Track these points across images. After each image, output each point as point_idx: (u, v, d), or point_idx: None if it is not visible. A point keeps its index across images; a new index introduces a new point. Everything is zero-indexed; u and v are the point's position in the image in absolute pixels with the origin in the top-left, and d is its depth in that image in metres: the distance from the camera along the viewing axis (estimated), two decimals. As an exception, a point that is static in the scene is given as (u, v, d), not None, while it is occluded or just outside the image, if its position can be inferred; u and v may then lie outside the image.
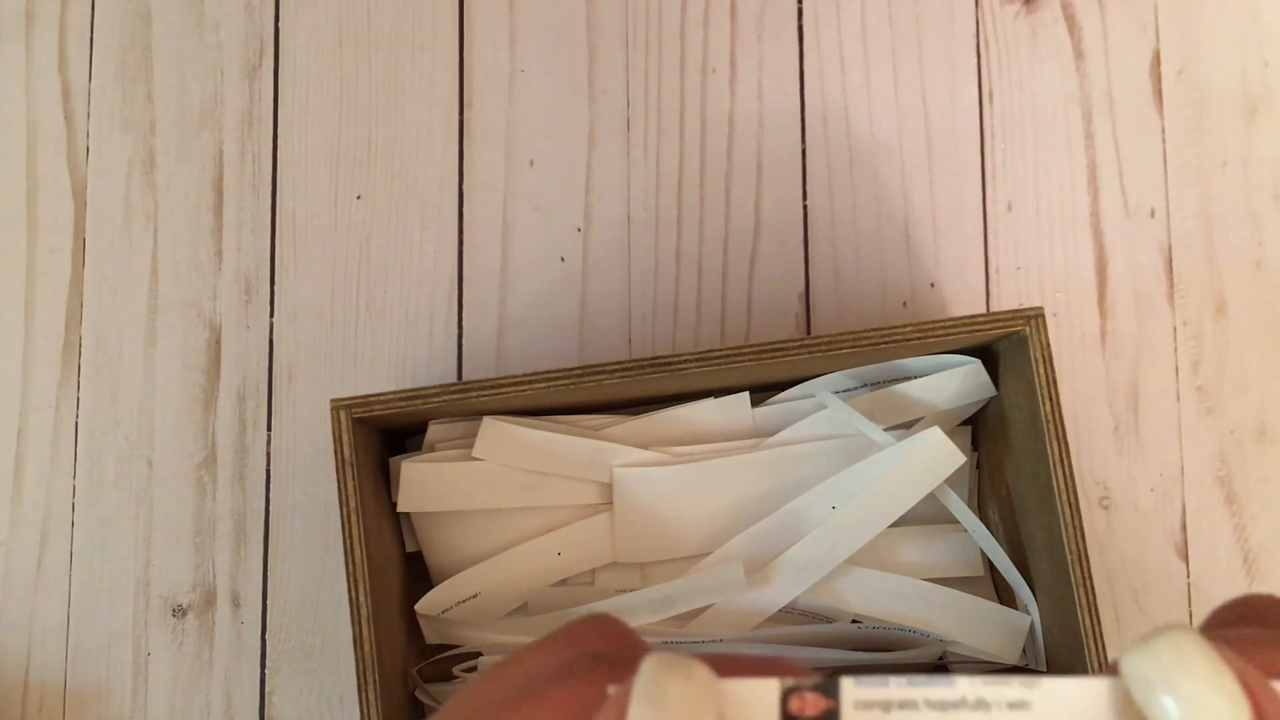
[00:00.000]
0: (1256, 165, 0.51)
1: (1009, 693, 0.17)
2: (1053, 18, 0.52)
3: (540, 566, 0.44)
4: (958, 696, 0.17)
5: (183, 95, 0.51)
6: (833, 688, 0.17)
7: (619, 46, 0.51)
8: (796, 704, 0.17)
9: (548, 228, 0.51)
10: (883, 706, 0.17)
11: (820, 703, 0.17)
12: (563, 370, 0.40)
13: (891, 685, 0.17)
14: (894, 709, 0.17)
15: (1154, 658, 0.16)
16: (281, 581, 0.49)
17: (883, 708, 0.17)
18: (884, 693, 0.17)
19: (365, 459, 0.41)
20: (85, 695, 0.48)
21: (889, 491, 0.43)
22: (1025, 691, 0.17)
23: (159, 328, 0.50)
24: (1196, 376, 0.50)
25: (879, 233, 0.51)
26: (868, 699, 0.17)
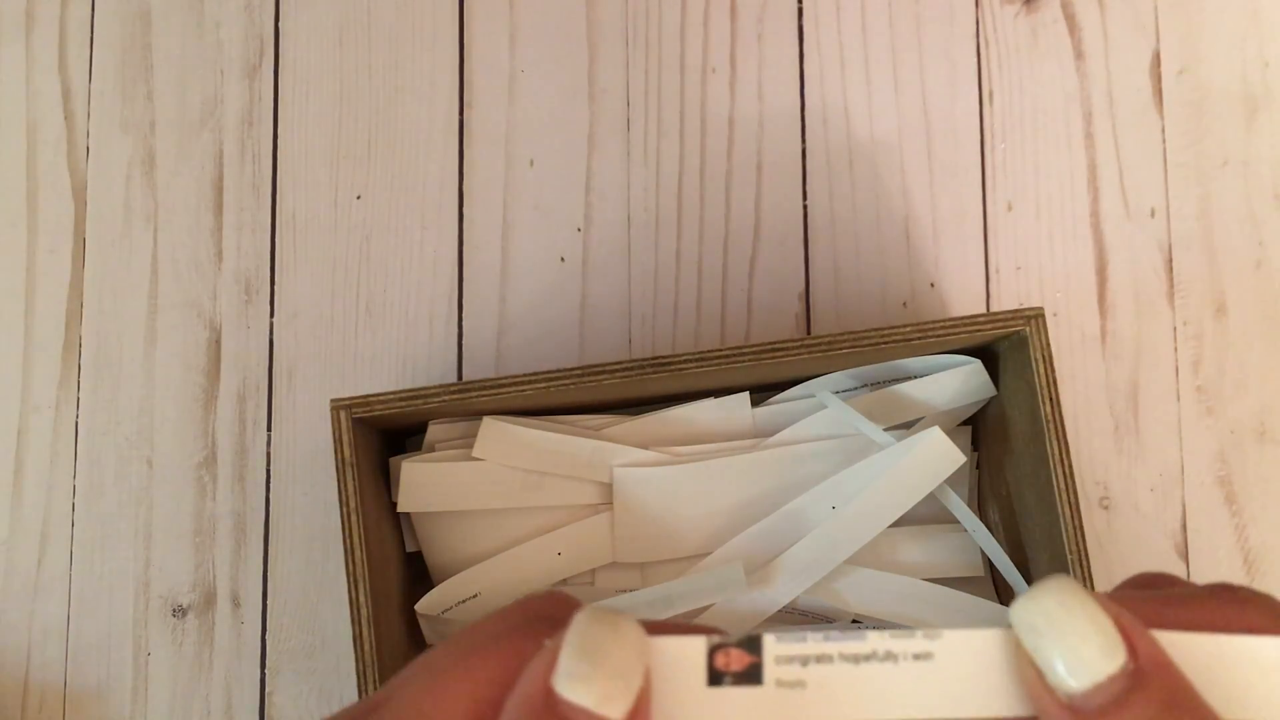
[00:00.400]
0: (1256, 165, 0.51)
1: (914, 645, 0.18)
2: (1053, 18, 0.52)
3: (540, 566, 0.44)
4: (868, 649, 0.18)
5: (183, 95, 0.51)
6: (755, 644, 0.18)
7: (619, 46, 0.51)
8: (722, 659, 0.18)
9: (548, 228, 0.51)
10: (801, 660, 0.18)
11: (744, 658, 0.18)
12: (563, 370, 0.40)
13: (809, 641, 0.18)
14: (811, 662, 0.18)
15: (1037, 605, 0.18)
16: (281, 581, 0.49)
17: (801, 661, 0.18)
18: (802, 648, 0.18)
19: (365, 459, 0.41)
20: (85, 695, 0.48)
21: (889, 491, 0.43)
22: (928, 643, 0.18)
23: (159, 328, 0.50)
24: (1196, 376, 0.50)
25: (879, 233, 0.51)
26: (787, 654, 0.18)
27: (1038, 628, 0.17)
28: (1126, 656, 0.17)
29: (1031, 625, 0.17)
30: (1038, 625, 0.17)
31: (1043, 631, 0.17)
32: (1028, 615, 0.18)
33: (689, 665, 0.18)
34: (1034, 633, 0.17)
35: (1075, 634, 0.17)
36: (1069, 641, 0.17)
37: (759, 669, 0.18)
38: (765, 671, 0.18)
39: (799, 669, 0.18)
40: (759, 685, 0.18)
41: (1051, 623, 0.17)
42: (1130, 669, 0.17)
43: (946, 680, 0.18)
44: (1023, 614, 0.18)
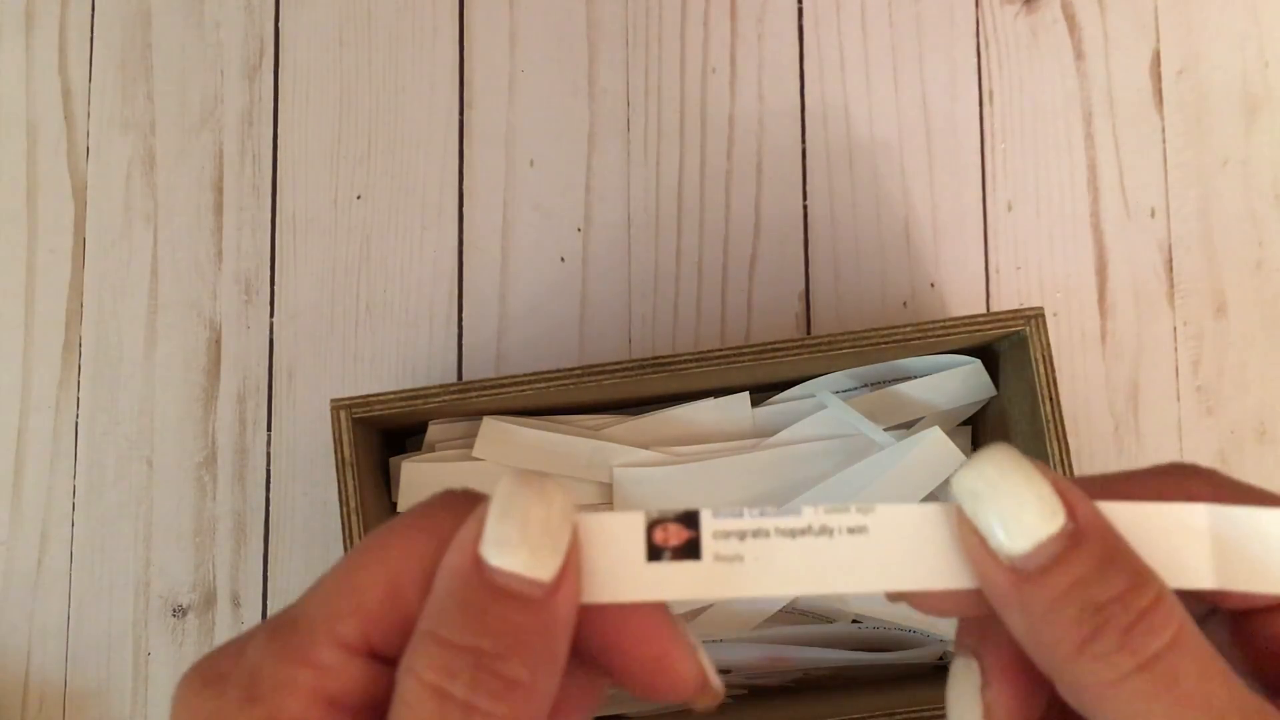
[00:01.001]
0: (1256, 165, 0.51)
1: (848, 519, 0.18)
2: (1053, 18, 0.52)
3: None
4: (804, 524, 0.18)
5: (183, 95, 0.51)
6: (693, 519, 0.18)
7: (619, 46, 0.51)
8: (660, 535, 0.18)
9: (548, 228, 0.51)
10: (738, 535, 0.18)
11: (682, 533, 0.18)
12: (563, 370, 0.40)
13: (745, 516, 0.18)
14: (748, 537, 0.18)
15: (977, 472, 0.18)
16: (281, 581, 0.49)
17: (738, 536, 0.18)
18: (739, 523, 0.18)
19: (365, 459, 0.41)
20: (85, 695, 0.48)
21: (889, 491, 0.43)
22: (862, 518, 0.18)
23: (159, 328, 0.50)
24: (1196, 376, 0.50)
25: (879, 233, 0.51)
26: (725, 529, 0.18)
27: (978, 493, 0.18)
28: (1065, 518, 0.17)
29: (972, 491, 0.18)
30: (978, 491, 0.18)
31: (983, 497, 0.18)
32: (968, 481, 0.18)
33: (627, 540, 0.18)
34: (975, 498, 0.18)
35: (1015, 498, 0.17)
36: (1009, 505, 0.17)
37: (697, 544, 0.18)
38: (704, 546, 0.18)
39: (736, 544, 0.18)
40: (697, 560, 0.18)
41: (992, 488, 0.18)
42: (1069, 529, 0.17)
43: (882, 554, 0.18)
44: (964, 481, 0.18)
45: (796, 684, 0.45)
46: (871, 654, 0.44)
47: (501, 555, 0.17)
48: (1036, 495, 0.17)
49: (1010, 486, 0.18)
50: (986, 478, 0.18)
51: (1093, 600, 0.17)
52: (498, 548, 0.17)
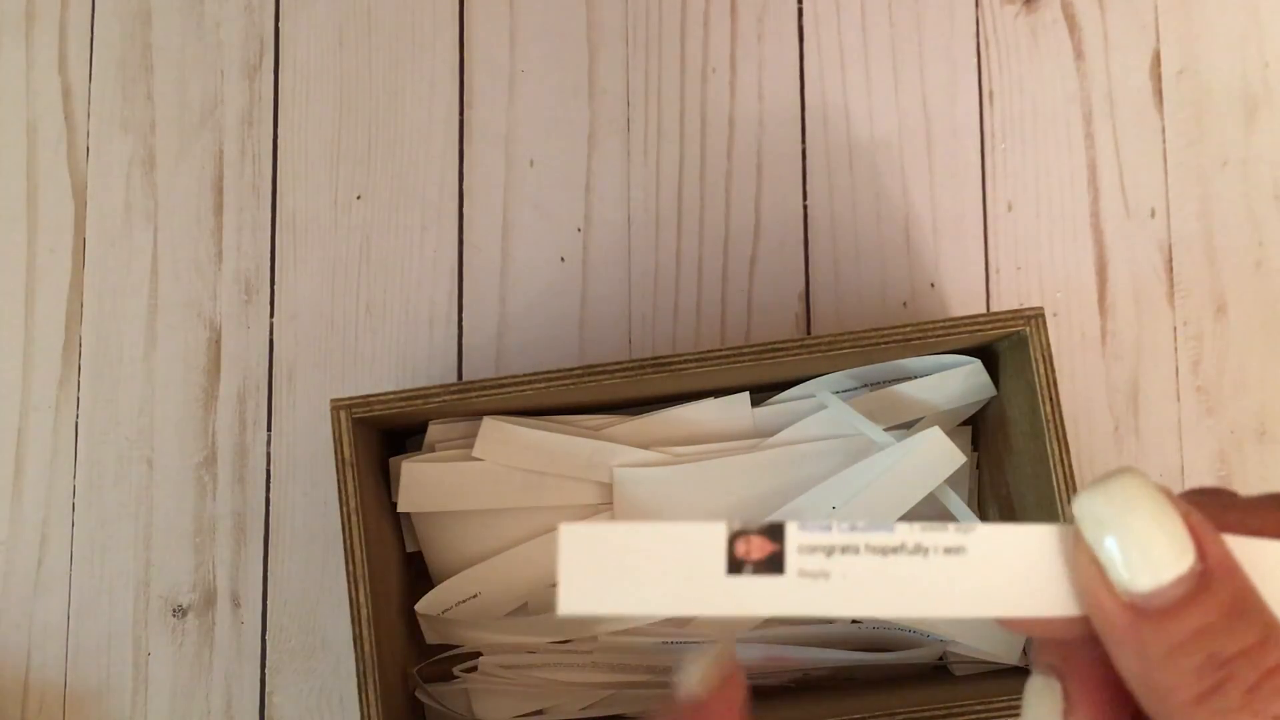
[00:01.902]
0: (1256, 165, 0.51)
1: (945, 538, 0.17)
2: (1053, 18, 0.52)
3: (540, 566, 0.44)
4: (897, 542, 0.17)
5: (183, 95, 0.51)
6: (778, 532, 0.17)
7: (619, 46, 0.51)
8: (743, 547, 0.17)
9: (548, 228, 0.51)
10: (825, 550, 0.17)
11: (766, 546, 0.17)
12: (563, 370, 0.40)
13: (834, 531, 0.18)
14: (836, 553, 0.17)
15: (1105, 496, 0.17)
16: (281, 581, 0.49)
17: (825, 552, 0.17)
18: (826, 538, 0.17)
19: (365, 459, 0.41)
20: (85, 695, 0.48)
21: (889, 491, 0.43)
22: (961, 537, 0.17)
23: (159, 328, 0.50)
24: (1196, 376, 0.50)
25: (879, 233, 0.51)
26: (811, 543, 0.17)
27: (1104, 521, 0.17)
28: (1195, 558, 0.16)
29: (1096, 517, 0.17)
30: (1103, 518, 0.17)
31: (1108, 525, 0.16)
32: (1093, 506, 0.17)
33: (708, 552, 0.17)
34: (1099, 525, 0.17)
35: (1144, 531, 0.16)
36: (1137, 538, 0.16)
37: (781, 558, 0.17)
38: (787, 561, 0.17)
39: (823, 559, 0.17)
40: (780, 574, 0.17)
41: (1119, 517, 0.16)
42: (1198, 570, 0.16)
43: (980, 576, 0.17)
44: (1088, 505, 0.17)
45: (796, 684, 0.45)
46: (871, 654, 0.44)
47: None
48: (1166, 530, 0.16)
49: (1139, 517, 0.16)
50: (1114, 505, 0.17)
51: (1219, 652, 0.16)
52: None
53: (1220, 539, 0.17)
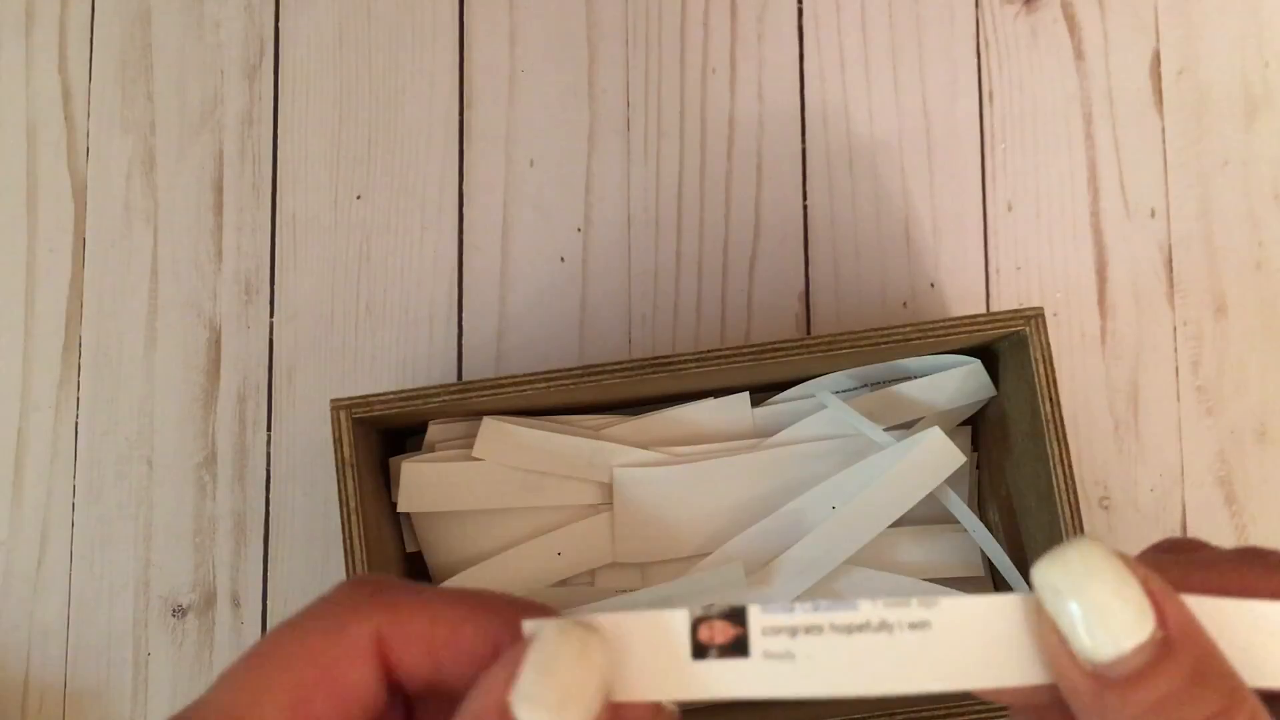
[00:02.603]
0: (1256, 165, 0.51)
1: (909, 614, 0.17)
2: (1053, 18, 0.52)
3: (540, 566, 0.44)
4: (861, 619, 0.17)
5: (183, 95, 0.51)
6: (740, 615, 0.18)
7: (619, 46, 0.51)
8: (706, 632, 0.18)
9: (548, 228, 0.51)
10: (789, 631, 0.17)
11: (729, 630, 0.18)
12: (563, 370, 0.40)
13: (797, 612, 0.18)
14: (800, 634, 0.17)
15: (1062, 566, 0.17)
16: (281, 581, 0.49)
17: (789, 633, 0.17)
18: (790, 619, 0.18)
19: (365, 459, 0.41)
20: (85, 695, 0.48)
21: (889, 491, 0.43)
22: (925, 612, 0.17)
23: (159, 328, 0.50)
24: (1196, 376, 0.50)
25: (879, 233, 0.51)
26: (775, 625, 0.18)
27: (1061, 589, 0.17)
28: (1155, 624, 0.16)
29: (1055, 588, 0.17)
30: (1061, 587, 0.17)
31: (1067, 594, 0.16)
32: (1050, 576, 0.17)
33: (671, 639, 0.18)
34: (1056, 594, 0.17)
35: (1102, 599, 0.16)
36: (1095, 606, 0.16)
37: (745, 641, 0.17)
38: (752, 643, 0.17)
39: (787, 640, 0.17)
40: (746, 657, 0.17)
41: (1077, 586, 0.16)
42: (1159, 637, 0.16)
43: (947, 650, 0.17)
44: (1046, 574, 0.17)
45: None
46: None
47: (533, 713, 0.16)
48: (1125, 598, 0.16)
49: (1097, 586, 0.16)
50: (1072, 574, 0.16)
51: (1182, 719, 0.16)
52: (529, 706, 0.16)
53: (1181, 603, 0.17)
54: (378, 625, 0.18)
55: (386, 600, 0.18)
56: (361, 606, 0.18)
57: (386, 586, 0.19)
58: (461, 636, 0.18)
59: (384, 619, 0.18)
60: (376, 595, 0.18)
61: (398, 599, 0.18)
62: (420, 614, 0.18)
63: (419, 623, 0.18)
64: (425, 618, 0.18)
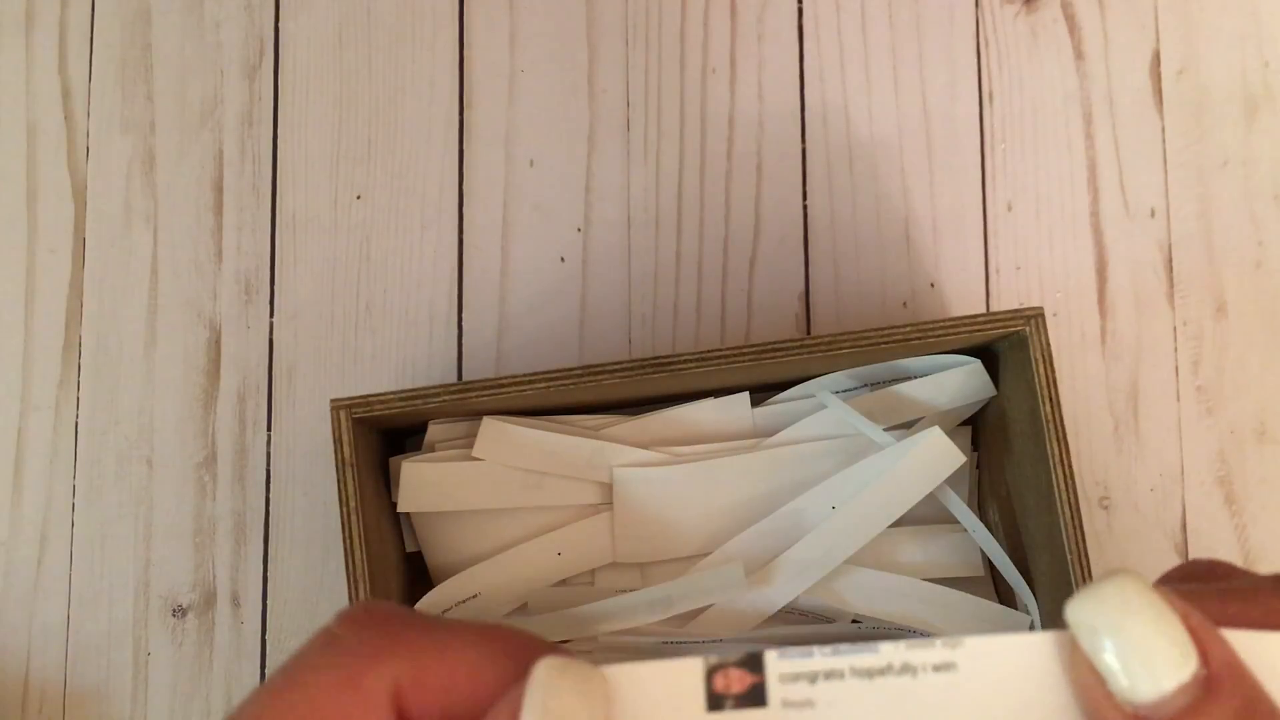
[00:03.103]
0: (1256, 165, 0.51)
1: (933, 655, 0.17)
2: (1053, 18, 0.52)
3: (540, 566, 0.44)
4: (883, 663, 0.17)
5: (183, 95, 0.51)
6: (757, 662, 0.17)
7: (619, 46, 0.51)
8: (721, 681, 0.17)
9: (548, 228, 0.51)
10: (809, 678, 0.17)
11: (745, 678, 0.17)
12: (563, 370, 0.40)
13: (816, 656, 0.17)
14: (820, 679, 0.17)
15: (1098, 602, 0.16)
16: (281, 581, 0.49)
17: (809, 679, 0.17)
18: (808, 664, 0.17)
19: (365, 459, 0.41)
20: (85, 695, 0.48)
21: (889, 491, 0.43)
22: (950, 653, 0.17)
23: (159, 328, 0.50)
24: (1196, 376, 0.50)
25: (879, 233, 0.51)
26: (793, 671, 0.17)
27: (1098, 628, 0.16)
28: (1198, 663, 0.15)
29: (1090, 625, 0.16)
30: (1097, 625, 0.16)
31: (1104, 633, 0.16)
32: (1086, 614, 0.16)
33: (686, 690, 0.17)
34: (1093, 633, 0.16)
35: (1141, 636, 0.16)
36: (1134, 645, 0.16)
37: (762, 689, 0.17)
38: (769, 692, 0.17)
39: (807, 687, 0.17)
40: (764, 707, 0.17)
41: (1114, 623, 0.16)
42: (1202, 676, 0.15)
43: (975, 693, 0.17)
44: (1081, 612, 0.16)
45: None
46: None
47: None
48: (1167, 637, 0.15)
49: (1136, 623, 0.16)
50: (1109, 611, 0.16)
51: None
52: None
53: (1223, 639, 0.16)
54: (396, 676, 0.17)
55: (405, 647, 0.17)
56: (380, 655, 0.17)
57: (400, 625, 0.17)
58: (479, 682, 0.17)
59: (403, 669, 0.17)
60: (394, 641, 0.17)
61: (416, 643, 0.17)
62: (439, 662, 0.17)
63: (439, 672, 0.17)
64: (445, 666, 0.17)
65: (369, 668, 0.17)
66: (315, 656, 0.17)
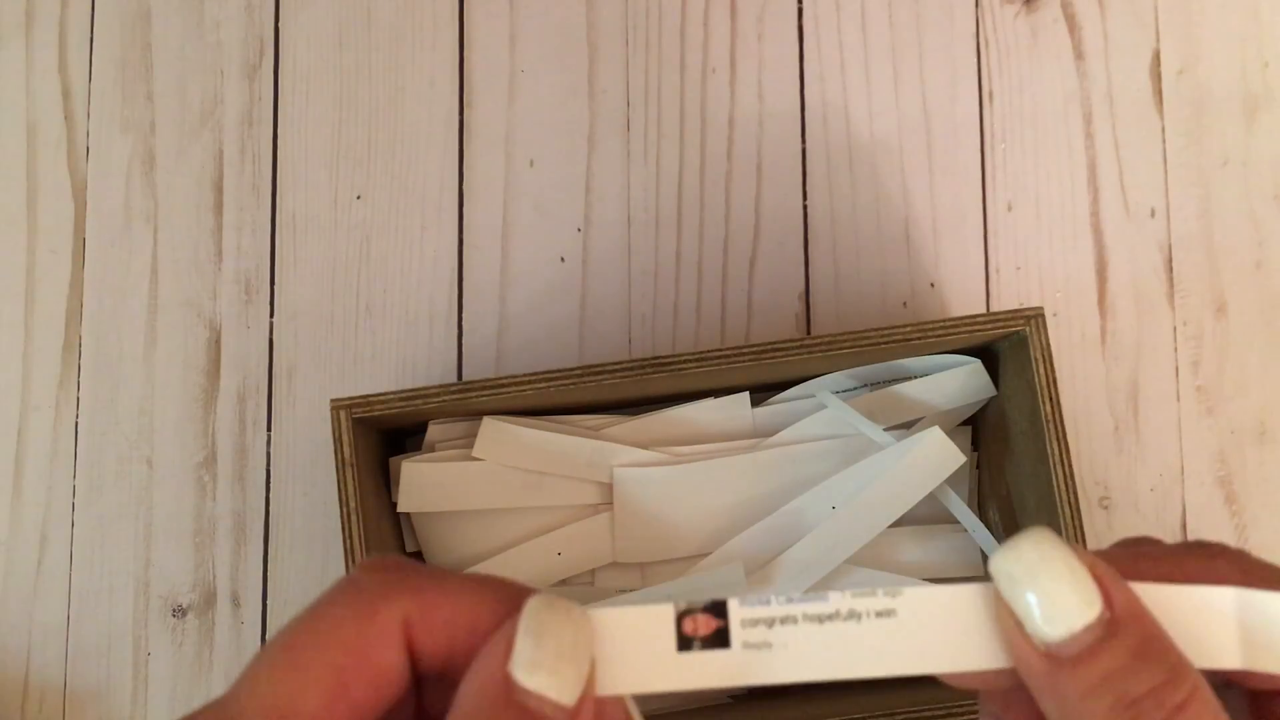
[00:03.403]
0: (1256, 165, 0.51)
1: (875, 603, 0.19)
2: (1053, 18, 0.52)
3: (540, 566, 0.44)
4: (831, 610, 0.19)
5: (183, 95, 0.51)
6: (721, 609, 0.19)
7: (619, 46, 0.51)
8: (690, 625, 0.19)
9: (548, 228, 0.51)
10: (766, 622, 0.19)
11: (711, 623, 0.19)
12: (563, 370, 0.40)
13: (773, 604, 0.19)
14: (776, 624, 0.19)
15: (1016, 555, 0.18)
16: (281, 581, 0.49)
17: (766, 623, 0.19)
18: (766, 611, 0.19)
19: (365, 459, 0.41)
20: (85, 695, 0.48)
21: (889, 491, 0.43)
22: (890, 601, 0.19)
23: (159, 328, 0.50)
24: (1196, 376, 0.50)
25: (879, 233, 0.51)
26: (753, 617, 0.19)
27: (1016, 577, 0.18)
28: (1102, 605, 0.17)
29: (1010, 575, 0.18)
30: (1016, 575, 0.18)
31: (1021, 581, 0.18)
32: (1006, 565, 0.18)
33: (658, 632, 0.19)
34: (1012, 582, 0.18)
35: (1053, 583, 0.18)
36: (1047, 591, 0.18)
37: (726, 633, 0.19)
38: (732, 635, 0.19)
39: (765, 631, 0.19)
40: (727, 648, 0.19)
41: (1030, 572, 0.18)
42: (1106, 618, 0.17)
43: (912, 636, 0.19)
44: (1001, 564, 0.18)
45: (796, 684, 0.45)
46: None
47: (533, 676, 0.17)
48: (1073, 582, 0.18)
49: (1048, 571, 0.18)
50: (1025, 561, 0.18)
51: (1127, 693, 0.17)
52: (529, 669, 0.17)
53: (1126, 587, 0.18)
54: (405, 610, 0.19)
55: (413, 585, 0.19)
56: (389, 591, 0.19)
57: (410, 571, 0.19)
58: (478, 620, 0.19)
59: (411, 603, 0.19)
60: (403, 580, 0.19)
61: (422, 584, 0.19)
62: (443, 599, 0.19)
63: (443, 607, 0.19)
64: (448, 603, 0.19)
65: (382, 602, 0.18)
66: (336, 594, 0.19)
